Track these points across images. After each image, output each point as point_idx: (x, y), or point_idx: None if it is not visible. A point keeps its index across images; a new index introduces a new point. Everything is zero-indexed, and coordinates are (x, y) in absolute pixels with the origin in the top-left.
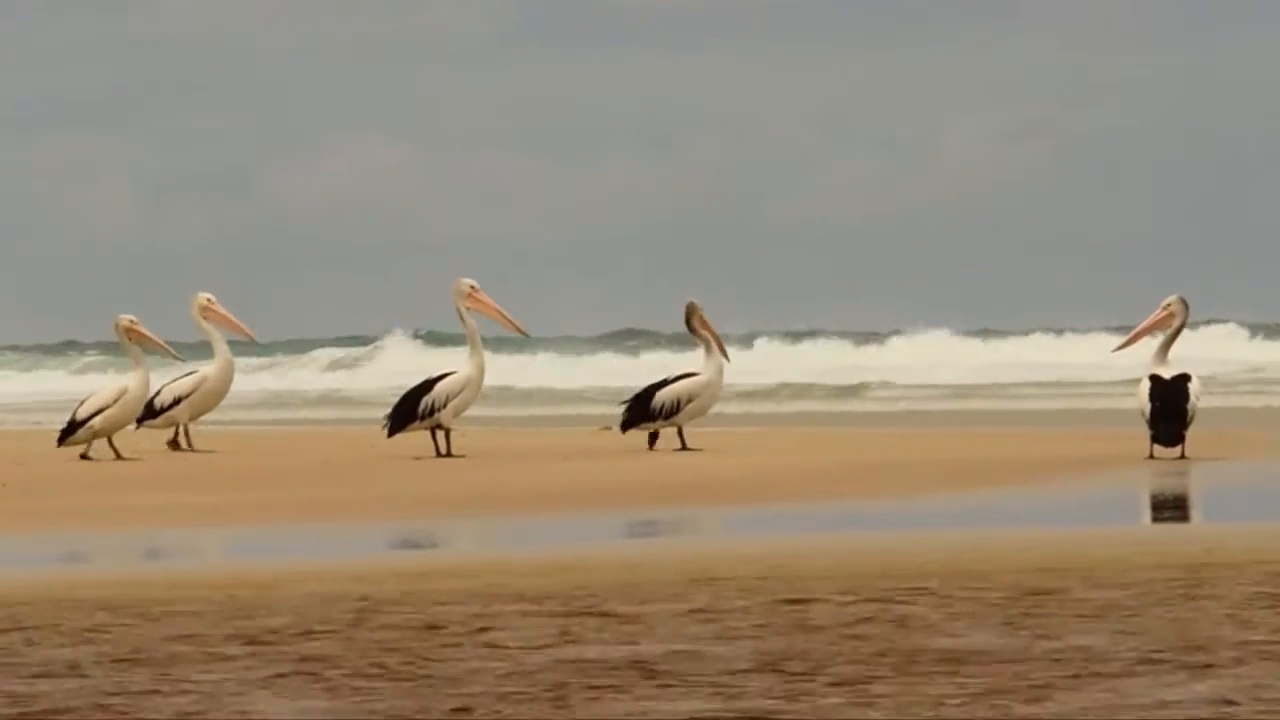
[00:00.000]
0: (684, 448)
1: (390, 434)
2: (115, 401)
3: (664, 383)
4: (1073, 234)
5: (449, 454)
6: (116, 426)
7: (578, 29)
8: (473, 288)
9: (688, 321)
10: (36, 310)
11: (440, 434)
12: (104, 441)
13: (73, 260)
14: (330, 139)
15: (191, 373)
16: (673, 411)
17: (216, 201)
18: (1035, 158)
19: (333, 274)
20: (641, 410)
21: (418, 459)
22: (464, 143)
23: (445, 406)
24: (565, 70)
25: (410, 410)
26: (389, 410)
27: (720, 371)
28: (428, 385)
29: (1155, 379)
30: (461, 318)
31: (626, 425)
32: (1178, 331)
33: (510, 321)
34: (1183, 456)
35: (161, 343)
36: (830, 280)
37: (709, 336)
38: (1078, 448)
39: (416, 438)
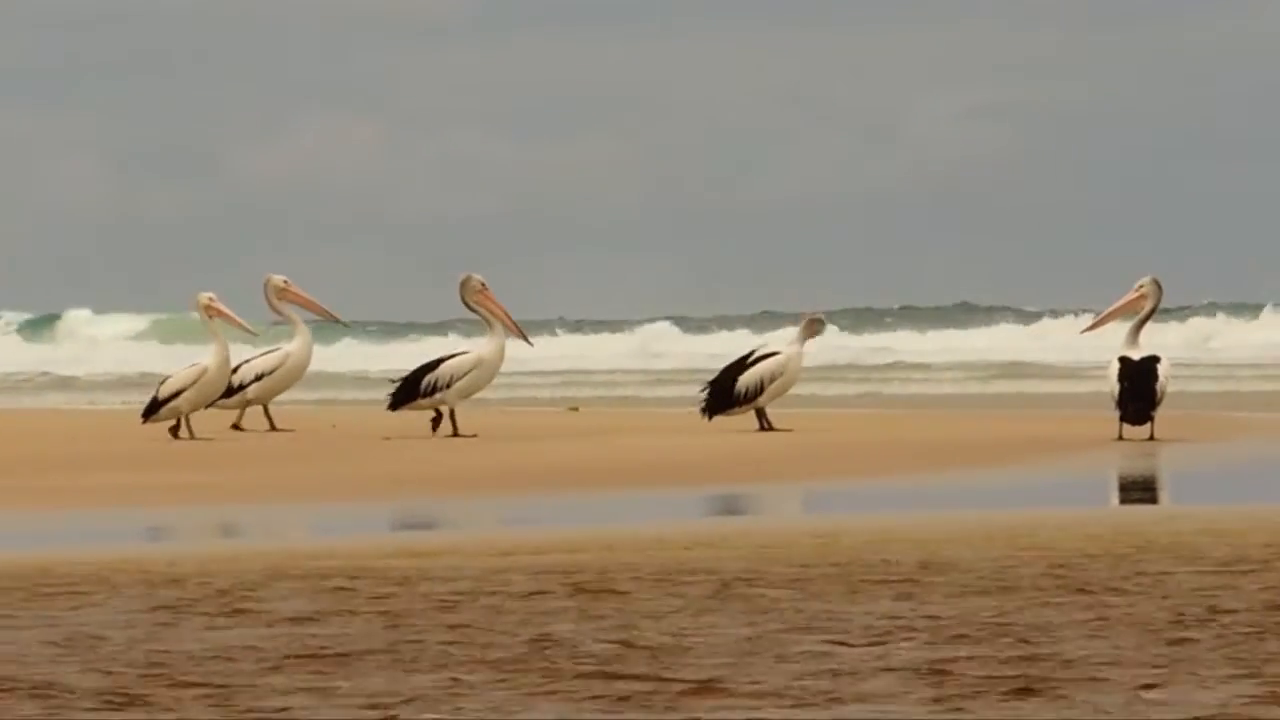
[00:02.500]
0: (767, 428)
1: (392, 408)
2: (195, 382)
3: (744, 365)
4: (1042, 213)
5: (455, 433)
6: (197, 406)
7: (549, 8)
8: (482, 284)
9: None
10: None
11: (445, 413)
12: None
13: (39, 235)
14: (299, 116)
15: (273, 350)
16: (756, 394)
17: (185, 178)
18: (1004, 136)
19: (300, 252)
20: (724, 396)
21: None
22: (434, 122)
23: (449, 386)
24: (536, 50)
25: (412, 387)
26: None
27: (800, 353)
28: (434, 363)
29: (1125, 360)
30: (472, 309)
31: (712, 411)
32: (1150, 314)
33: (515, 327)
34: (1152, 438)
35: (239, 320)
36: (801, 259)
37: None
38: (1045, 430)
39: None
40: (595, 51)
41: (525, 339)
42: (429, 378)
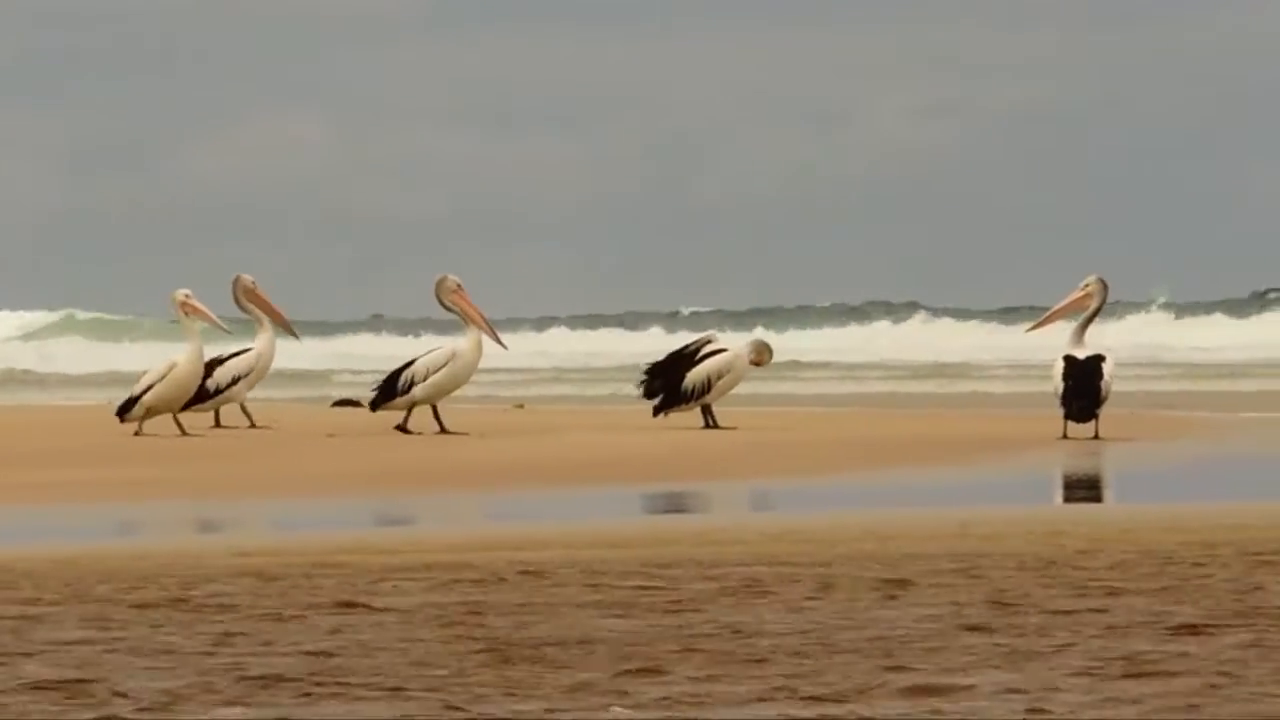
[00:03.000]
0: (712, 425)
1: (373, 409)
2: (162, 377)
3: (687, 360)
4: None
5: (443, 430)
6: (169, 402)
7: (504, 5)
8: (458, 285)
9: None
10: None
11: (428, 410)
12: (164, 418)
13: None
14: (253, 113)
15: (241, 351)
16: (704, 391)
17: (135, 175)
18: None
19: (254, 250)
20: (673, 393)
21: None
22: (389, 119)
23: (425, 380)
24: (491, 47)
25: (391, 386)
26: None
27: (743, 354)
28: (412, 361)
29: (1070, 359)
30: (447, 309)
31: (661, 409)
32: (1095, 313)
33: (488, 328)
34: (1096, 436)
35: (215, 317)
36: (754, 256)
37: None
38: (989, 429)
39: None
40: (595, 51)
41: (498, 340)
42: (405, 374)
